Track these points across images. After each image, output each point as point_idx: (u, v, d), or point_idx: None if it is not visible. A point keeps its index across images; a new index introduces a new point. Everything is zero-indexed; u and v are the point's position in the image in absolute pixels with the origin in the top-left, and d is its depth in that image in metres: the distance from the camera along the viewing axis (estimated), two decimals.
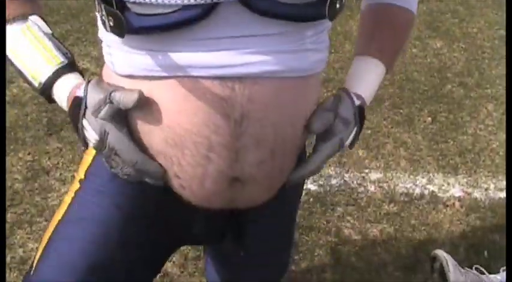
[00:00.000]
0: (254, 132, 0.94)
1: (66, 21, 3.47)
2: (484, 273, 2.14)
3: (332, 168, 2.61)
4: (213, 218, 1.14)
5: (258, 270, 1.44)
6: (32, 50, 1.02)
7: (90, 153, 1.13)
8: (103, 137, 0.95)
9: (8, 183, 2.35)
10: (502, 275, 2.11)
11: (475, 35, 3.74)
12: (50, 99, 1.03)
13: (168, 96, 0.92)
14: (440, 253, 2.15)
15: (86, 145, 0.99)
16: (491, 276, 2.13)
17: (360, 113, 1.09)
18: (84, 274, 1.09)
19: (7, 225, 2.17)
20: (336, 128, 1.04)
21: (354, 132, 1.08)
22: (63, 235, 1.11)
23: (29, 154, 2.51)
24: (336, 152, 1.08)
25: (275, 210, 1.18)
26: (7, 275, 2.00)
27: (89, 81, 0.97)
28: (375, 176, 2.61)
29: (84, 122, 0.96)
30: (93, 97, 0.94)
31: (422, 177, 2.63)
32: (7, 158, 2.47)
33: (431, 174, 2.65)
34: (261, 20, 0.88)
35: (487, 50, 3.60)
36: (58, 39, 1.06)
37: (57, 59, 1.01)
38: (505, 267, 2.10)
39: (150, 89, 0.93)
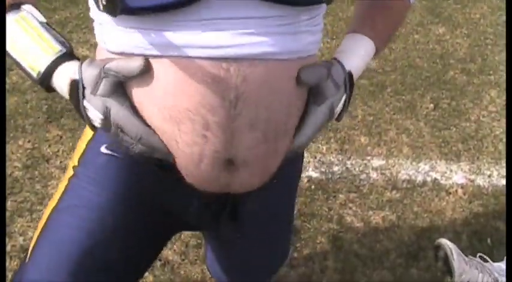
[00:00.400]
0: (248, 114, 0.94)
1: (65, 8, 3.45)
2: (487, 261, 2.13)
3: (334, 155, 2.59)
4: (209, 203, 1.14)
5: (257, 257, 1.44)
6: (29, 40, 0.99)
7: (84, 140, 1.13)
8: (107, 115, 0.93)
9: (8, 171, 2.34)
10: (504, 262, 2.10)
11: (477, 20, 3.71)
12: (49, 89, 1.01)
13: (162, 74, 0.92)
14: (444, 242, 2.14)
15: (94, 127, 0.97)
16: (495, 264, 2.12)
17: (350, 81, 1.07)
18: (79, 261, 1.09)
19: (7, 214, 2.16)
20: (327, 90, 1.02)
21: (343, 99, 1.07)
22: (58, 222, 1.11)
23: (29, 142, 2.49)
24: (328, 120, 1.06)
25: (272, 195, 1.18)
26: (8, 263, 1.99)
27: (82, 63, 0.95)
28: (377, 163, 2.59)
29: (85, 102, 0.94)
30: (89, 75, 0.93)
31: (425, 164, 2.62)
32: (7, 146, 2.45)
33: (433, 161, 2.63)
34: (258, 3, 0.88)
35: (489, 36, 3.57)
36: (54, 29, 1.04)
37: (54, 48, 0.99)
38: None
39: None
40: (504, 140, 2.78)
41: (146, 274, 1.98)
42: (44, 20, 1.03)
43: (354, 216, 2.32)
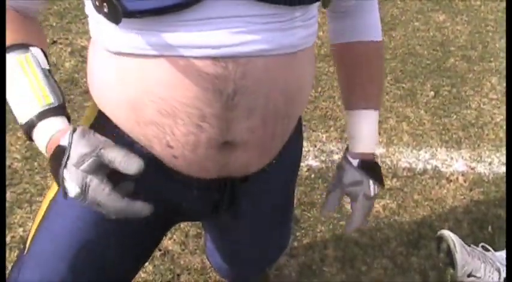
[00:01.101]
0: (246, 104, 0.95)
1: None
2: (489, 250, 2.12)
3: (334, 143, 2.59)
4: (208, 191, 1.14)
5: (256, 246, 1.44)
6: (25, 84, 0.97)
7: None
8: (84, 189, 0.90)
9: (8, 163, 2.33)
10: (505, 251, 2.10)
11: (478, 7, 3.69)
12: (31, 139, 0.98)
13: (159, 73, 0.92)
14: (447, 234, 2.13)
15: (66, 195, 0.93)
16: (497, 253, 2.11)
17: (368, 166, 1.27)
18: (78, 254, 1.09)
19: (7, 205, 2.16)
20: (352, 192, 1.28)
21: (371, 183, 1.26)
22: (55, 215, 1.11)
23: None
24: (369, 204, 1.30)
25: (271, 182, 1.20)
26: (7, 254, 1.99)
27: (74, 130, 0.91)
28: (377, 151, 2.58)
29: (65, 172, 0.90)
30: (78, 151, 0.89)
31: (425, 152, 2.61)
32: (6, 137, 2.45)
33: (434, 149, 2.63)
34: (253, 2, 0.88)
35: (490, 23, 3.55)
36: (53, 78, 1.02)
37: (47, 99, 0.96)
38: None
39: (141, 66, 0.93)
40: (505, 127, 2.77)
41: (146, 264, 1.98)
42: (47, 66, 1.01)
43: None
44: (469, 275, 2.05)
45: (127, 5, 0.86)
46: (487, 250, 2.12)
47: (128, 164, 0.88)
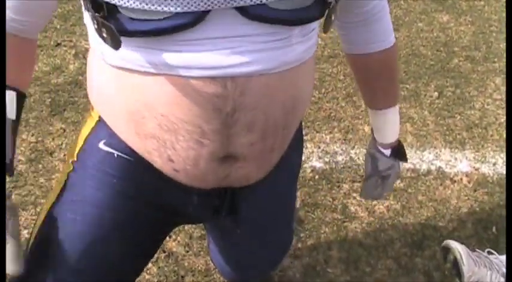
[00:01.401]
0: (245, 120, 0.95)
1: (67, 1, 3.44)
2: (493, 254, 2.11)
3: (338, 144, 2.59)
4: (208, 197, 1.15)
5: (259, 247, 1.45)
6: None
7: (83, 135, 1.13)
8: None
9: None
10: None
11: (482, 8, 3.68)
12: None
13: (159, 90, 0.92)
14: (454, 245, 2.10)
15: None
16: (501, 257, 2.10)
17: (397, 152, 1.45)
18: (78, 257, 1.09)
19: None
20: (387, 174, 1.46)
21: (400, 164, 1.48)
22: (57, 218, 1.12)
23: (32, 135, 2.49)
24: (398, 176, 1.53)
25: (272, 184, 1.20)
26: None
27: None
28: None
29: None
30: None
31: (429, 153, 2.60)
32: None
33: (438, 150, 2.62)
34: (251, 22, 0.88)
35: (494, 23, 3.54)
36: (16, 129, 1.07)
37: None
38: None
39: (141, 82, 0.93)
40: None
41: (150, 265, 1.99)
42: (13, 117, 1.04)
43: (358, 205, 2.31)
44: None
45: (127, 26, 0.86)
46: (491, 253, 2.11)
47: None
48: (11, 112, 1.03)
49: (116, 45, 0.88)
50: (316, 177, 2.41)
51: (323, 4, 0.93)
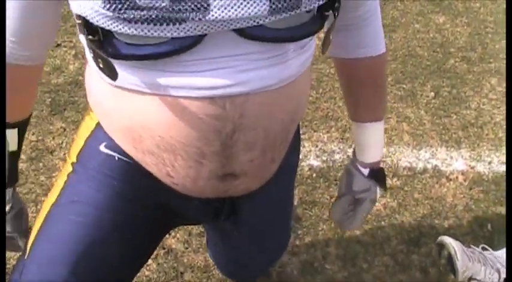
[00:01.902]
0: (245, 140, 0.95)
1: (68, 2, 3.46)
2: (487, 250, 2.14)
3: (335, 143, 2.61)
4: (207, 203, 1.14)
5: (258, 246, 1.45)
6: None
7: (82, 136, 1.13)
8: None
9: None
10: (505, 250, 2.11)
11: (478, 9, 3.71)
12: None
13: (156, 111, 0.92)
14: (448, 241, 2.13)
15: None
16: (496, 253, 2.13)
17: (376, 175, 1.35)
18: (79, 258, 1.09)
19: None
20: (361, 197, 1.34)
21: (378, 189, 1.36)
22: (57, 219, 1.12)
23: (33, 134, 2.51)
24: (372, 206, 1.39)
25: (268, 190, 1.18)
26: (13, 254, 2.01)
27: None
28: None
29: None
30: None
31: (425, 152, 2.63)
32: None
33: (434, 149, 2.65)
34: (248, 41, 0.87)
35: (490, 25, 3.57)
36: (15, 161, 1.15)
37: None
38: None
39: (137, 102, 0.93)
40: (505, 126, 2.79)
41: (150, 262, 2.01)
42: (14, 148, 1.11)
43: None
44: (470, 279, 2.07)
45: (123, 50, 0.85)
46: (486, 249, 2.14)
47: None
48: (13, 146, 1.07)
49: (113, 77, 0.88)
50: (314, 175, 2.43)
51: (320, 18, 0.93)
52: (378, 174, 1.37)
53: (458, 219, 2.32)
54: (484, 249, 2.14)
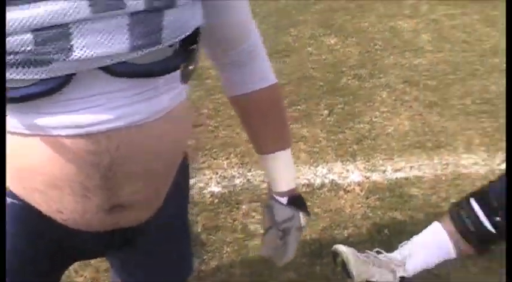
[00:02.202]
0: (125, 172, 0.98)
1: None
2: (381, 253, 2.23)
3: (235, 169, 2.69)
4: (96, 235, 1.16)
5: (160, 274, 1.46)
6: None
7: None
8: None
9: None
10: (398, 251, 2.21)
11: (366, 29, 3.90)
12: None
13: (37, 151, 0.95)
14: (341, 249, 2.20)
15: None
16: (390, 255, 2.22)
17: (296, 201, 1.34)
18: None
19: None
20: (286, 227, 1.32)
21: (301, 215, 1.34)
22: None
23: None
24: (300, 234, 1.37)
25: (160, 218, 1.21)
26: None
27: None
28: None
29: None
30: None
31: (323, 168, 2.74)
32: None
33: (330, 164, 2.76)
34: (116, 78, 0.91)
35: (378, 42, 3.76)
36: None
37: None
38: (403, 243, 2.20)
39: (19, 143, 0.95)
40: (396, 136, 2.94)
41: None
42: None
43: (258, 223, 2.40)
44: (366, 281, 2.17)
45: None
46: (380, 253, 2.24)
47: None
48: None
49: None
50: (216, 201, 2.50)
51: (185, 51, 0.97)
52: (297, 201, 1.35)
53: (357, 227, 2.43)
54: (378, 252, 2.24)
